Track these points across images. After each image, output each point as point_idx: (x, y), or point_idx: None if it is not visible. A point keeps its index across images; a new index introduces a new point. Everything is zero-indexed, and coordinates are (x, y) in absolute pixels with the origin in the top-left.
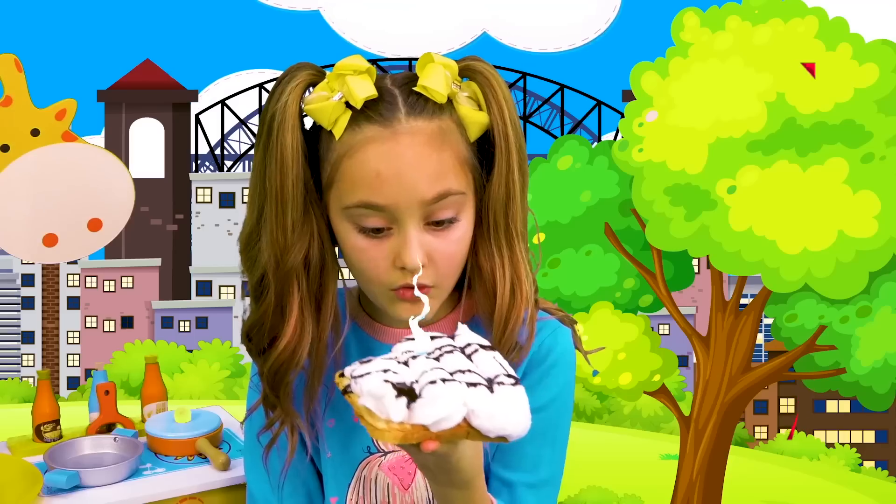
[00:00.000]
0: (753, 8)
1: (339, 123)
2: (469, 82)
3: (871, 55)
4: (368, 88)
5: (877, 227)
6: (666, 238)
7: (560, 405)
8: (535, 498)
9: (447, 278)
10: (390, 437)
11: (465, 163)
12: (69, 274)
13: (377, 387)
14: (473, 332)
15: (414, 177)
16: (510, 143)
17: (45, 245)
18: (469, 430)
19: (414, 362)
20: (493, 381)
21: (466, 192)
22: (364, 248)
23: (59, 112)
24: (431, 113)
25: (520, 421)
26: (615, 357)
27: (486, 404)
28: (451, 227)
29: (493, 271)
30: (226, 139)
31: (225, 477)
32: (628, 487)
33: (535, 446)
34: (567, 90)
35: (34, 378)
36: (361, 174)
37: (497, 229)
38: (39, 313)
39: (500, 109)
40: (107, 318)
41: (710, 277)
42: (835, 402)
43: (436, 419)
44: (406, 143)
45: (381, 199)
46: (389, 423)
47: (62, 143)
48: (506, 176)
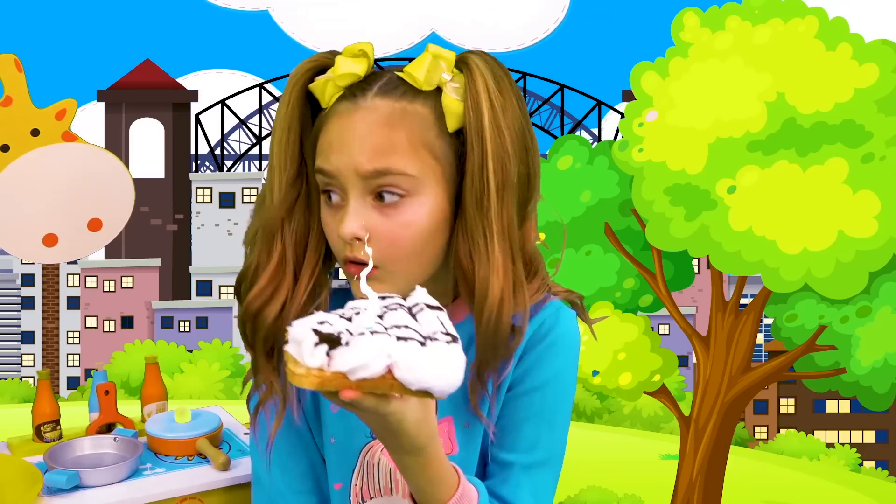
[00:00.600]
0: (753, 8)
1: (330, 100)
2: (462, 74)
3: (871, 55)
4: (352, 67)
5: (877, 227)
6: (666, 238)
7: (559, 386)
8: (531, 479)
9: (393, 262)
10: (307, 383)
11: (424, 148)
12: (69, 274)
13: (300, 333)
14: (426, 294)
15: (356, 148)
16: (484, 137)
17: (45, 245)
18: (392, 383)
19: (357, 317)
20: (429, 337)
21: (417, 175)
22: (325, 219)
23: (59, 112)
24: (401, 95)
25: (445, 375)
26: (615, 357)
27: (410, 356)
28: (398, 207)
29: (472, 268)
30: (226, 139)
31: (225, 477)
32: (628, 487)
33: (532, 426)
34: (567, 90)
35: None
36: (322, 143)
37: (475, 225)
38: (39, 313)
39: (475, 102)
40: (107, 318)
41: (710, 277)
42: (835, 402)
43: (353, 366)
44: (359, 117)
45: (327, 164)
46: (308, 370)
47: (62, 143)
48: (480, 171)
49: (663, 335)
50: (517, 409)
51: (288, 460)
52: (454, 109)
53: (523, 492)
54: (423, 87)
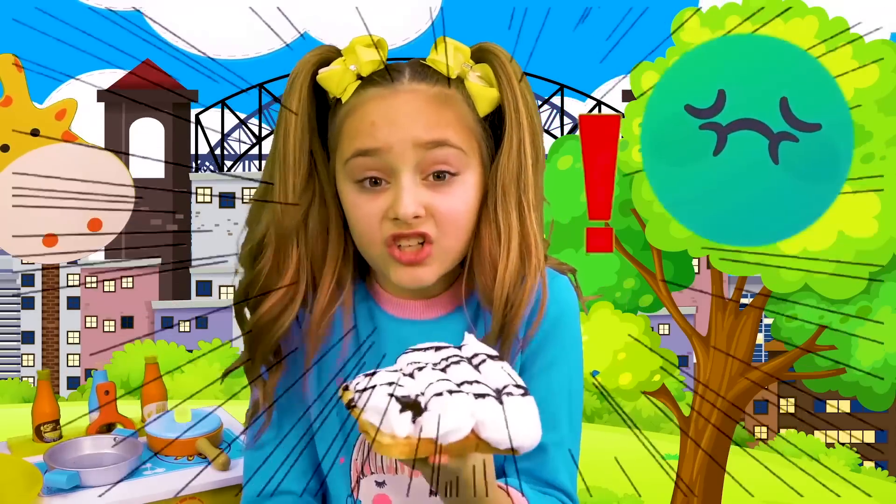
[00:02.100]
0: (753, 8)
1: (347, 90)
2: (482, 65)
3: (871, 55)
4: (375, 55)
5: (877, 227)
6: (666, 238)
7: (570, 358)
8: (563, 455)
9: (450, 237)
10: (397, 453)
11: (468, 128)
12: (69, 274)
13: (381, 401)
14: (480, 342)
15: (409, 121)
16: (521, 116)
17: (45, 245)
18: (478, 443)
19: (420, 374)
20: (502, 391)
21: (468, 153)
22: (359, 204)
23: (59, 112)
24: (436, 80)
25: (530, 432)
26: (615, 357)
27: (494, 415)
28: (452, 183)
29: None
30: (226, 139)
31: (225, 477)
32: (628, 487)
33: (553, 404)
34: (567, 90)
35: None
36: (359, 127)
37: (507, 199)
38: (39, 313)
39: (510, 84)
40: (107, 318)
41: (710, 277)
42: (835, 402)
43: (444, 432)
44: (404, 99)
45: (374, 142)
46: (395, 438)
47: (62, 143)
48: (517, 147)
49: (663, 335)
50: (537, 388)
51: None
52: (485, 94)
53: (560, 469)
54: (450, 75)
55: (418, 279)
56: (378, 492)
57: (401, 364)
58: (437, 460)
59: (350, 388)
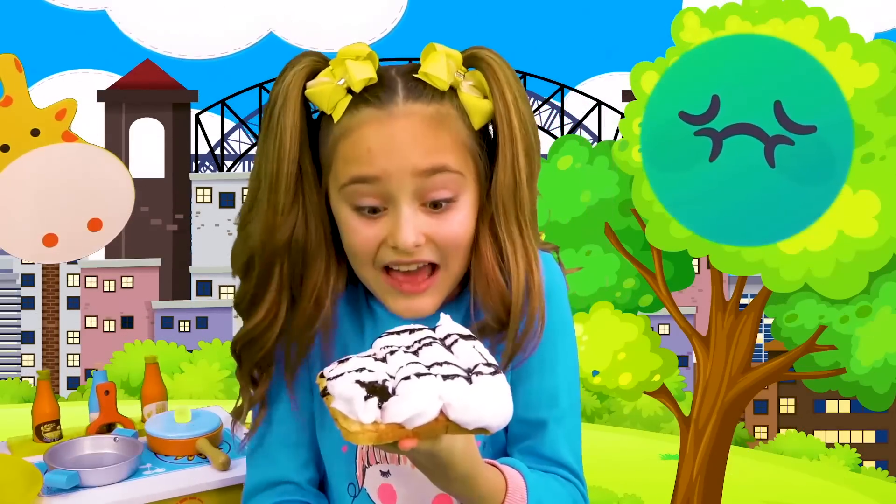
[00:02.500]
0: (753, 8)
1: (338, 107)
2: (474, 72)
3: (871, 55)
4: (367, 72)
5: (877, 227)
6: (666, 238)
7: (562, 332)
8: (564, 429)
9: (453, 259)
10: (364, 440)
11: (464, 147)
12: (69, 274)
13: (347, 388)
14: (455, 322)
15: (407, 149)
16: (514, 130)
17: (45, 245)
18: (448, 424)
19: (392, 357)
20: (472, 371)
21: (465, 174)
22: (357, 229)
23: (59, 112)
24: (430, 98)
25: (499, 411)
26: (615, 357)
27: (462, 396)
28: (450, 209)
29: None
30: (226, 139)
31: (225, 477)
32: (628, 487)
33: (550, 379)
34: (567, 90)
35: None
36: (355, 152)
37: (507, 217)
38: (39, 313)
39: (502, 96)
40: (107, 318)
41: (710, 277)
42: (835, 402)
43: (409, 416)
44: (401, 125)
45: (372, 169)
46: (363, 426)
47: (62, 143)
48: (511, 163)
49: (663, 335)
50: (531, 367)
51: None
52: (480, 107)
53: (560, 444)
54: (444, 88)
55: (417, 311)
56: (383, 481)
57: (375, 348)
58: (407, 445)
59: (325, 374)
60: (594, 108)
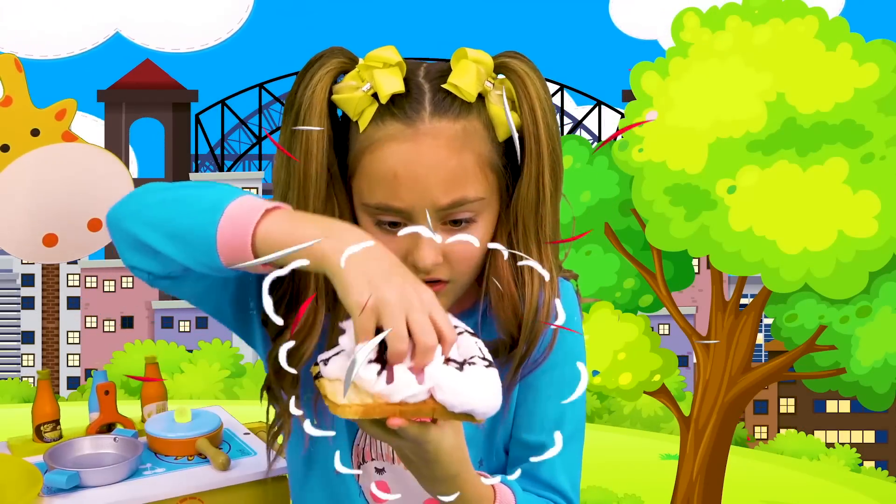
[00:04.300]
0: (753, 8)
1: (364, 115)
2: (503, 80)
3: (871, 55)
4: (396, 84)
5: (877, 227)
6: (666, 238)
7: (573, 360)
8: (562, 456)
9: (463, 275)
10: (351, 413)
11: (487, 165)
12: (69, 274)
13: (345, 361)
14: (458, 320)
15: (430, 181)
16: (542, 146)
17: (45, 245)
18: (435, 406)
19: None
20: (466, 361)
21: (486, 195)
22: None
23: (59, 112)
24: (457, 113)
25: (487, 398)
26: (615, 357)
27: (451, 380)
28: (469, 227)
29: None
30: (226, 139)
31: (225, 477)
32: (628, 487)
33: (555, 404)
34: (567, 90)
35: (34, 378)
36: (380, 173)
37: (527, 234)
38: (39, 313)
39: (531, 111)
40: (107, 318)
41: (710, 277)
42: (835, 402)
43: (397, 390)
44: (427, 145)
45: (398, 202)
46: (351, 400)
47: (62, 143)
48: (536, 180)
49: (663, 335)
50: (538, 390)
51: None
52: (505, 120)
53: (558, 470)
54: (472, 101)
55: None
56: (378, 478)
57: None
58: (395, 423)
59: (318, 361)
60: (594, 108)
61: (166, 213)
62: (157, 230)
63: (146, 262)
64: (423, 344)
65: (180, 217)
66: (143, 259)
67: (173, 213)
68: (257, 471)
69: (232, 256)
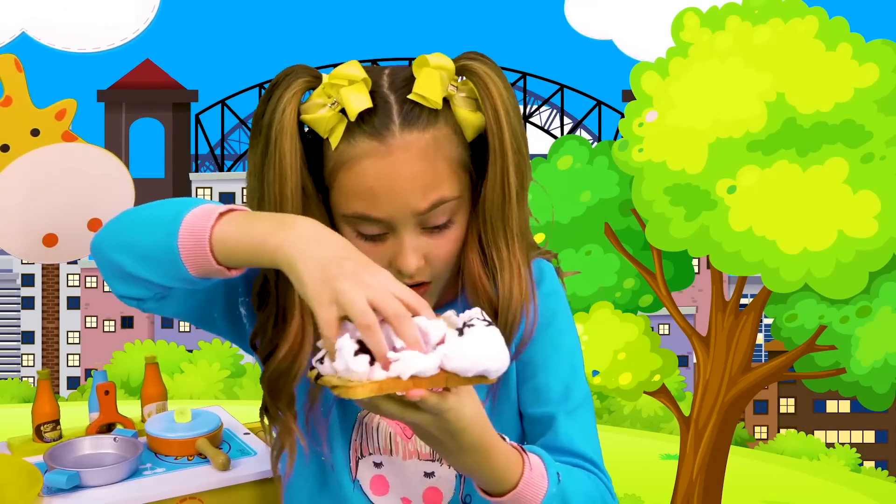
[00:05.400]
0: (753, 8)
1: (335, 133)
2: (466, 81)
3: (871, 55)
4: (363, 101)
5: (877, 227)
6: (666, 238)
7: (566, 331)
8: (576, 422)
9: (443, 273)
10: (365, 392)
11: (459, 166)
12: (69, 274)
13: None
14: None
15: (407, 191)
16: (505, 146)
17: (45, 245)
18: (448, 376)
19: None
20: (465, 325)
21: (461, 193)
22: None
23: (59, 112)
24: (426, 122)
25: (496, 356)
26: (615, 357)
27: (456, 346)
28: (447, 229)
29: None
30: (226, 139)
31: (225, 477)
32: (628, 487)
33: (559, 376)
34: (567, 90)
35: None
36: (357, 188)
37: (495, 232)
38: (39, 313)
39: (494, 111)
40: (107, 318)
41: (710, 277)
42: (835, 402)
43: (406, 368)
44: (400, 159)
45: (377, 212)
46: (361, 381)
47: (62, 143)
48: (501, 179)
49: (663, 335)
50: (534, 362)
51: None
52: (472, 121)
53: (575, 436)
54: (438, 108)
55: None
56: (376, 472)
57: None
58: (415, 395)
59: (313, 363)
60: (594, 108)
61: (133, 234)
62: (128, 253)
63: (130, 288)
64: (391, 313)
65: (145, 236)
66: (127, 286)
67: (138, 233)
68: (257, 471)
69: (198, 264)
